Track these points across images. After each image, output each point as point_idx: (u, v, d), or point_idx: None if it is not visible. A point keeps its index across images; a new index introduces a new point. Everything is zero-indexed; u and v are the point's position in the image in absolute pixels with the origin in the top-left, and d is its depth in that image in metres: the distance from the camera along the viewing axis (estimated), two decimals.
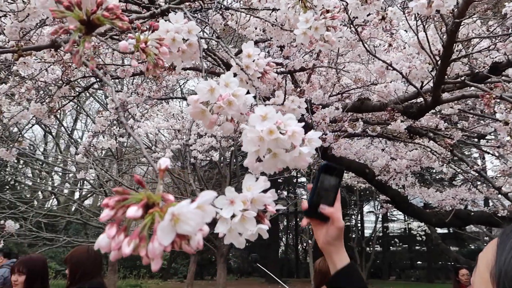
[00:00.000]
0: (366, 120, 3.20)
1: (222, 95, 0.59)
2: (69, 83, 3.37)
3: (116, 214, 0.29)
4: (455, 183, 9.32)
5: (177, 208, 0.28)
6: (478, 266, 0.57)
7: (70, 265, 2.24)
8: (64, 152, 17.12)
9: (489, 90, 1.40)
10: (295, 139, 0.52)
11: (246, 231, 0.47)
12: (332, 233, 0.85)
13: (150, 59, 0.55)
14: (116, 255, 0.28)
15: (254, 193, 0.48)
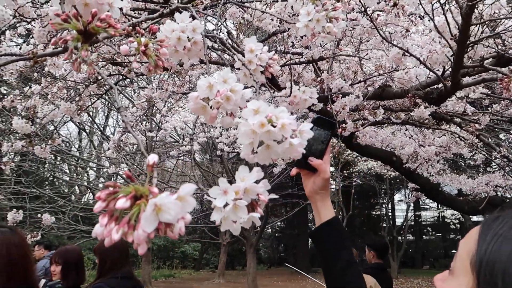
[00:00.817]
0: (389, 107, 3.15)
1: (219, 91, 0.62)
2: (96, 81, 3.49)
3: (108, 206, 0.33)
4: (490, 170, 9.01)
5: (158, 199, 0.32)
6: (459, 252, 0.57)
7: (99, 255, 2.33)
8: (97, 148, 17.72)
9: (508, 73, 1.36)
10: (285, 131, 0.54)
11: (239, 219, 0.50)
12: (319, 183, 0.90)
13: (151, 61, 0.59)
14: (108, 242, 0.32)
15: (247, 183, 0.51)
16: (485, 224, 0.56)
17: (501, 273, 0.49)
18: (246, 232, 11.77)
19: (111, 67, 3.95)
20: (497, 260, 0.50)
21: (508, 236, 0.52)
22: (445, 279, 0.60)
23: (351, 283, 0.86)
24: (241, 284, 13.86)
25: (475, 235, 0.56)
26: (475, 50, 2.23)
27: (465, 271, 0.54)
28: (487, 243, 0.53)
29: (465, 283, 0.53)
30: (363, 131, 4.36)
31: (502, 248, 0.51)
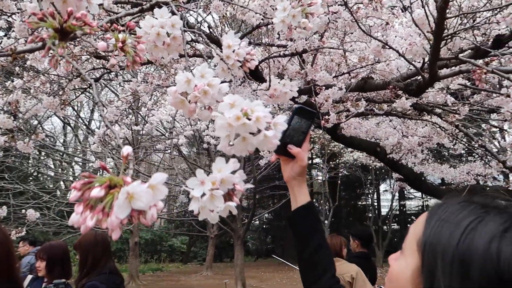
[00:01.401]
0: (371, 99, 3.20)
1: (197, 85, 0.64)
2: (79, 75, 3.46)
3: (83, 195, 0.35)
4: (471, 159, 9.21)
5: (130, 187, 0.34)
6: (409, 235, 0.63)
7: (80, 251, 2.30)
8: (83, 142, 17.51)
9: (481, 66, 1.40)
10: (259, 124, 0.57)
11: (216, 208, 0.53)
12: (296, 170, 0.96)
13: (129, 57, 0.61)
14: (84, 229, 0.34)
15: (223, 174, 0.54)
16: (432, 210, 0.62)
17: (441, 253, 0.54)
18: (233, 224, 11.83)
19: (95, 60, 3.91)
20: (438, 242, 0.55)
21: (448, 220, 0.57)
22: (397, 258, 0.65)
23: (320, 264, 0.93)
24: (229, 276, 13.96)
25: (422, 220, 0.61)
26: (454, 42, 2.28)
27: (413, 252, 0.59)
28: (431, 227, 0.58)
29: (412, 263, 0.59)
30: (348, 122, 4.42)
31: (442, 231, 0.56)
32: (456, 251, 0.53)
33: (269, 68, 2.01)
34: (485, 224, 0.54)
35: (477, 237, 0.53)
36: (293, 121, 0.91)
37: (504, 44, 2.23)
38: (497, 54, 1.96)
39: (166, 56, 0.85)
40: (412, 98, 2.67)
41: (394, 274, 0.63)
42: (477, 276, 0.50)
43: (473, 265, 0.51)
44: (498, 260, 0.50)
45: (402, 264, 0.61)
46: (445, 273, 0.53)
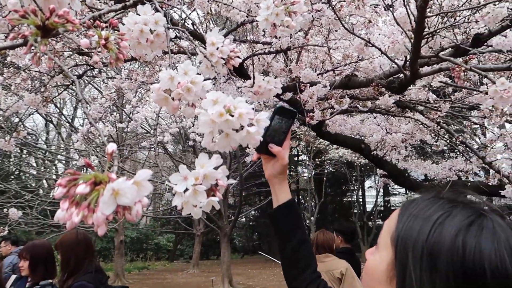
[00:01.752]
0: (356, 96, 3.24)
1: (180, 82, 0.65)
2: (62, 72, 3.40)
3: (69, 191, 0.35)
4: (453, 155, 9.40)
5: (115, 184, 0.35)
6: (383, 230, 0.66)
7: (61, 251, 2.26)
8: (66, 140, 17.23)
9: (460, 64, 1.44)
10: (242, 120, 0.58)
11: (199, 203, 0.53)
12: (277, 168, 0.97)
13: (112, 54, 0.61)
14: (70, 225, 0.35)
15: (206, 169, 0.55)
16: (403, 206, 0.65)
17: (412, 247, 0.57)
18: (220, 221, 11.82)
19: (78, 57, 3.85)
20: (409, 236, 0.58)
21: (419, 215, 0.60)
22: (373, 252, 0.67)
23: (302, 260, 0.96)
24: (216, 273, 13.96)
25: (395, 216, 0.64)
26: (435, 40, 2.33)
27: (387, 246, 0.62)
28: (403, 222, 0.61)
29: (386, 256, 0.62)
30: (333, 119, 4.46)
31: (413, 226, 0.59)
32: (426, 244, 0.56)
33: (253, 65, 2.01)
34: (452, 218, 0.57)
35: (445, 231, 0.56)
36: (274, 121, 0.92)
37: (483, 43, 2.29)
38: (476, 53, 2.01)
39: (150, 53, 0.85)
40: (394, 95, 2.71)
41: (370, 268, 0.65)
42: (445, 268, 0.53)
43: (441, 257, 0.54)
44: (463, 252, 0.53)
45: (377, 258, 0.64)
46: (416, 265, 0.55)
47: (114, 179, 0.36)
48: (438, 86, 3.61)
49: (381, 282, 0.62)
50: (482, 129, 9.54)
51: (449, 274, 0.53)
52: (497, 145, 4.36)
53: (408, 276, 0.56)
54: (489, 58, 3.03)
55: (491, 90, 1.27)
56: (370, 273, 0.65)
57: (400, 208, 0.65)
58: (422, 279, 0.54)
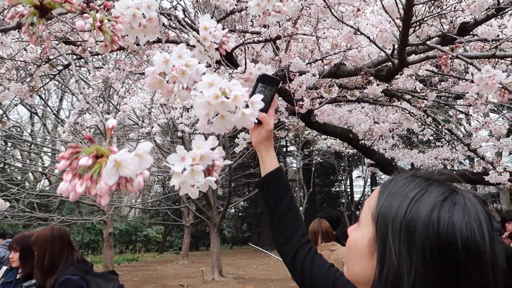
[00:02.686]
0: (344, 85, 3.27)
1: (175, 65, 0.65)
2: (48, 61, 3.35)
3: (71, 164, 0.36)
4: (439, 144, 9.55)
5: (118, 155, 0.36)
6: (364, 208, 0.70)
7: (37, 248, 2.24)
8: (52, 132, 16.99)
9: (446, 51, 1.47)
10: (238, 102, 0.59)
11: (197, 183, 0.55)
12: (263, 134, 1.01)
13: (107, 36, 0.61)
14: (74, 196, 0.36)
15: (203, 150, 0.56)
16: (383, 185, 0.69)
17: (391, 222, 0.61)
18: (209, 212, 11.85)
19: (64, 46, 3.79)
20: (389, 212, 0.62)
21: (397, 193, 0.64)
22: (355, 229, 0.72)
23: (290, 225, 1.00)
24: (206, 264, 14.03)
25: (376, 195, 0.68)
26: (422, 29, 2.36)
27: (368, 222, 0.66)
28: (383, 200, 0.65)
29: (367, 232, 0.66)
30: (321, 109, 4.49)
31: (392, 203, 0.63)
32: (404, 220, 0.60)
33: (245, 52, 2.02)
34: (428, 195, 0.61)
35: (421, 207, 0.60)
36: (258, 89, 0.93)
37: (468, 32, 2.33)
38: (463, 41, 2.04)
39: (143, 38, 0.85)
40: (382, 84, 2.74)
41: (352, 243, 0.69)
42: (421, 241, 0.57)
43: (417, 231, 0.58)
44: (438, 226, 0.57)
45: (358, 234, 0.68)
46: (395, 239, 0.59)
47: (116, 151, 0.37)
48: (425, 75, 3.66)
49: (363, 256, 0.65)
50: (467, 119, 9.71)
51: (425, 246, 0.57)
52: (482, 133, 4.45)
53: (388, 250, 0.60)
54: (475, 48, 3.08)
55: (476, 77, 1.31)
56: (352, 247, 0.69)
57: (379, 187, 0.69)
58: (400, 252, 0.58)
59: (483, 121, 3.31)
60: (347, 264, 0.72)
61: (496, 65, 2.61)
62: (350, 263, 0.70)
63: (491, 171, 2.41)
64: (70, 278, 2.19)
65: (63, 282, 2.17)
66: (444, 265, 0.56)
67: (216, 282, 11.18)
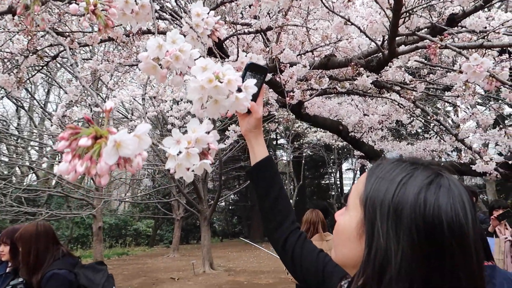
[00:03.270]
0: (335, 77, 3.29)
1: (169, 50, 0.65)
2: (35, 52, 3.30)
3: (71, 145, 0.36)
4: (427, 136, 9.67)
5: (118, 135, 0.36)
6: (352, 192, 0.71)
7: (21, 244, 2.24)
8: (39, 126, 16.77)
9: (436, 41, 1.49)
10: (231, 86, 0.60)
11: (192, 165, 0.55)
12: (252, 122, 1.02)
13: (101, 21, 0.61)
14: (73, 176, 0.36)
15: (198, 134, 0.56)
16: (370, 170, 0.71)
17: (379, 206, 0.63)
18: (200, 205, 11.85)
19: (51, 37, 3.73)
20: (377, 196, 0.64)
21: (384, 177, 0.65)
22: (342, 213, 0.73)
23: (280, 213, 1.02)
24: (196, 257, 14.05)
25: (363, 179, 0.70)
26: (412, 20, 2.38)
27: (356, 206, 0.68)
28: (371, 184, 0.66)
29: (356, 216, 0.67)
30: (311, 101, 4.51)
31: (380, 187, 0.64)
32: (392, 203, 0.61)
33: (238, 41, 2.02)
34: (414, 178, 0.63)
35: (408, 190, 0.62)
36: (246, 77, 0.92)
37: (457, 23, 2.35)
38: (452, 32, 2.07)
39: (135, 25, 0.85)
40: (372, 75, 2.77)
41: (341, 227, 0.71)
42: (408, 223, 0.59)
43: (404, 213, 0.60)
44: (424, 208, 0.59)
45: (347, 218, 0.69)
46: (383, 222, 0.61)
47: (115, 132, 0.37)
48: (414, 66, 3.69)
49: (351, 239, 0.67)
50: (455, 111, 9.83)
51: (412, 228, 0.59)
52: (469, 124, 4.52)
53: (376, 232, 0.61)
54: (463, 40, 3.12)
55: (464, 65, 1.33)
56: (340, 232, 0.70)
57: (367, 172, 0.71)
58: (388, 234, 0.60)
59: (470, 112, 3.36)
60: (335, 248, 0.73)
61: (483, 56, 2.65)
62: (338, 248, 0.72)
63: (478, 160, 2.45)
64: (57, 272, 2.19)
65: (50, 277, 2.17)
66: (430, 247, 0.58)
67: (207, 275, 11.22)
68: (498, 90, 3.32)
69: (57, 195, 15.77)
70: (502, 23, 2.26)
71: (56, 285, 2.17)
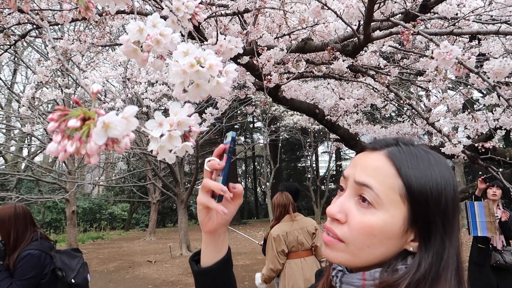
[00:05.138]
0: (311, 60, 3.32)
1: (150, 34, 0.66)
2: (2, 31, 3.17)
3: (60, 126, 0.38)
4: (400, 120, 9.93)
5: (106, 117, 0.38)
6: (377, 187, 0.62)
7: (0, 226, 2.24)
8: (5, 107, 16.16)
9: (409, 27, 1.54)
10: (212, 71, 0.61)
11: (174, 147, 0.57)
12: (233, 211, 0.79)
13: (81, 2, 0.61)
14: (63, 156, 0.38)
15: (180, 116, 0.58)
16: (394, 157, 0.64)
17: (430, 194, 0.60)
18: (176, 189, 11.82)
19: (19, 15, 3.58)
20: (422, 184, 0.60)
21: (420, 166, 0.62)
22: (364, 213, 0.63)
23: None
24: (173, 240, 14.08)
25: (389, 172, 0.62)
26: (387, 5, 2.42)
27: (395, 203, 0.61)
28: (410, 176, 0.61)
29: (398, 213, 0.61)
30: (288, 85, 4.54)
31: (422, 177, 0.61)
32: (441, 188, 0.61)
33: (217, 24, 2.01)
34: (439, 159, 0.65)
35: (445, 173, 0.63)
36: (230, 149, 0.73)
37: (430, 9, 2.41)
38: (424, 19, 2.13)
39: (113, 6, 0.84)
40: (348, 59, 2.81)
41: (378, 228, 0.62)
42: (453, 205, 0.62)
43: (449, 196, 0.62)
44: (453, 184, 0.63)
45: (385, 217, 0.61)
46: (437, 211, 0.61)
47: (103, 114, 0.39)
48: (388, 51, 3.76)
49: (394, 237, 0.62)
50: (427, 95, 10.11)
51: (455, 211, 0.63)
52: (440, 109, 4.67)
53: (433, 223, 0.61)
54: (435, 25, 3.21)
55: (435, 52, 1.38)
56: (378, 233, 0.62)
57: (390, 163, 0.63)
58: (447, 223, 0.61)
59: (441, 97, 3.48)
60: (360, 251, 0.63)
61: (454, 42, 2.74)
62: (368, 249, 0.62)
63: (446, 143, 2.56)
64: (32, 253, 2.21)
65: (24, 257, 2.18)
66: None
67: (185, 257, 11.29)
68: (467, 75, 3.44)
69: (27, 179, 15.37)
70: (472, 11, 2.34)
71: (29, 265, 2.18)
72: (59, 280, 2.32)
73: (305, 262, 3.24)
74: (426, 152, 0.65)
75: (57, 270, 2.31)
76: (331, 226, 0.67)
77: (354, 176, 0.66)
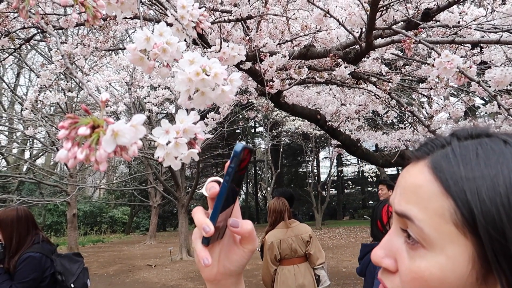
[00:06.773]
0: (314, 67, 3.34)
1: (156, 43, 0.68)
2: (8, 35, 3.20)
3: (70, 133, 0.39)
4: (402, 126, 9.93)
5: (115, 125, 0.39)
6: (422, 221, 0.42)
7: (2, 229, 2.26)
8: (8, 110, 16.23)
9: (410, 36, 1.55)
10: (217, 79, 0.63)
11: (180, 154, 0.58)
12: (239, 259, 0.58)
13: (89, 12, 0.62)
14: (73, 163, 0.39)
15: (185, 124, 0.59)
16: (437, 166, 0.43)
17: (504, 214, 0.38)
18: (177, 193, 11.83)
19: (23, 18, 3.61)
20: (490, 199, 0.39)
21: (484, 171, 0.40)
22: (407, 256, 0.44)
23: None
24: (173, 244, 14.05)
25: (433, 189, 0.42)
26: (389, 13, 2.44)
27: (451, 237, 0.41)
28: (467, 190, 0.40)
29: (460, 252, 0.40)
30: (290, 90, 4.56)
31: (487, 183, 0.39)
32: None
33: (220, 31, 2.03)
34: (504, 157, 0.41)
35: None
36: None
37: (432, 18, 2.43)
38: (426, 27, 2.14)
39: (120, 14, 0.86)
40: (350, 66, 2.83)
41: (431, 279, 0.41)
42: None
43: None
44: None
45: (440, 261, 0.41)
46: None
47: (112, 122, 0.40)
48: (390, 58, 3.78)
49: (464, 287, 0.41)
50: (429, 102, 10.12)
51: None
52: (442, 116, 4.68)
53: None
54: (437, 33, 3.23)
55: (436, 61, 1.39)
56: (435, 285, 0.41)
57: (436, 181, 0.42)
58: None
59: (442, 104, 3.49)
60: None
61: (456, 50, 2.75)
62: None
63: None
64: (33, 256, 2.22)
65: (25, 259, 2.19)
66: None
67: (185, 261, 11.27)
68: (469, 83, 3.45)
69: (28, 181, 15.39)
70: (474, 19, 2.35)
71: (30, 268, 2.18)
72: (58, 284, 2.33)
73: (298, 269, 3.25)
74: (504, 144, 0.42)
75: (57, 274, 2.32)
76: (382, 277, 0.48)
77: (393, 203, 0.48)
